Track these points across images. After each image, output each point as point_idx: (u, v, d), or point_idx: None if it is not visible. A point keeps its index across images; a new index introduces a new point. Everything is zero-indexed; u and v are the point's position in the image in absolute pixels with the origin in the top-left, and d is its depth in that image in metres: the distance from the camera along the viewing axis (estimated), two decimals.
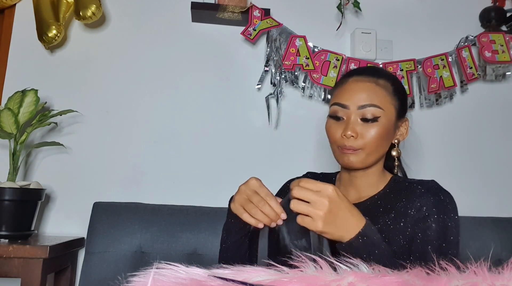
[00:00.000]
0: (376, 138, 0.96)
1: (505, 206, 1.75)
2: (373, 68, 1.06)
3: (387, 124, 0.98)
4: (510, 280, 0.58)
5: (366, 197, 1.03)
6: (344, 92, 1.00)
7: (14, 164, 1.39)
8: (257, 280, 0.58)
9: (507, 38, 1.74)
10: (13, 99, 1.43)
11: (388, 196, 1.01)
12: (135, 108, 1.66)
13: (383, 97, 0.98)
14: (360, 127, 0.96)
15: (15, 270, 1.21)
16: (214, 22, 1.70)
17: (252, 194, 0.85)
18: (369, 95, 0.97)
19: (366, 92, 0.97)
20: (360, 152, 0.96)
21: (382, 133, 0.97)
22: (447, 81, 1.70)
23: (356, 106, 0.97)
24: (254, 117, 1.71)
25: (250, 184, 0.86)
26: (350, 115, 0.97)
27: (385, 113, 0.97)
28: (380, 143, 0.98)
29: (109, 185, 1.60)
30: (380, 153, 1.00)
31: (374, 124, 0.96)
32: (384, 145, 1.00)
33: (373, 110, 0.96)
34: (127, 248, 1.39)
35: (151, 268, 0.59)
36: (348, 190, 1.06)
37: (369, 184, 1.03)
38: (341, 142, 0.97)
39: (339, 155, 1.00)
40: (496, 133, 1.82)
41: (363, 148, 0.96)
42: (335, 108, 1.00)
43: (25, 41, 1.63)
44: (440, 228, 0.92)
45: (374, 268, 0.62)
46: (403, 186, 1.01)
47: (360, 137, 0.96)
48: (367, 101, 0.96)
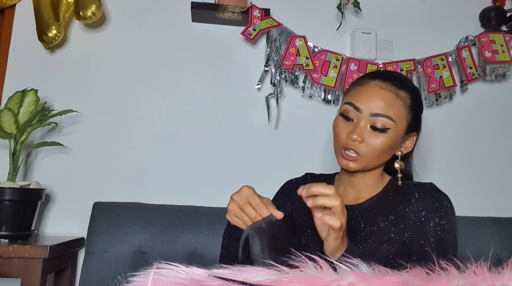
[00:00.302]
0: (380, 148, 0.95)
1: (505, 206, 1.75)
2: (398, 76, 1.02)
3: (394, 137, 0.96)
4: (510, 280, 0.58)
5: (364, 198, 1.03)
6: (361, 94, 0.97)
7: (14, 164, 1.39)
8: (257, 280, 0.58)
9: (507, 38, 1.74)
10: (13, 99, 1.42)
11: (387, 198, 1.01)
12: (135, 108, 1.66)
13: (399, 110, 0.96)
14: (368, 134, 0.95)
15: (15, 270, 1.21)
16: (214, 22, 1.70)
17: (244, 204, 0.84)
18: (386, 105, 0.94)
19: (384, 101, 0.95)
20: (360, 160, 0.95)
21: (387, 145, 0.95)
22: (447, 81, 1.70)
23: (369, 112, 0.95)
24: (254, 117, 1.71)
25: (242, 193, 0.86)
26: (361, 119, 0.96)
27: (396, 126, 0.95)
28: (382, 153, 0.97)
29: (109, 185, 1.60)
30: (380, 162, 0.99)
31: (382, 134, 0.94)
32: (385, 156, 0.99)
33: (385, 121, 0.94)
34: (127, 248, 1.39)
35: (151, 268, 0.59)
36: (347, 191, 1.06)
37: (368, 186, 1.03)
38: (345, 142, 0.96)
39: (339, 156, 0.99)
40: (496, 133, 1.82)
41: (364, 155, 0.95)
42: (348, 108, 0.98)
43: (25, 41, 1.63)
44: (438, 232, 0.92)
45: (374, 268, 0.62)
46: (401, 188, 1.01)
47: (365, 143, 0.94)
48: (382, 110, 0.94)
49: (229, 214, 0.87)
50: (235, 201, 0.86)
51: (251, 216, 0.83)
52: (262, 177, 1.53)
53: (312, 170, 1.20)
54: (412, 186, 1.00)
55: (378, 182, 1.04)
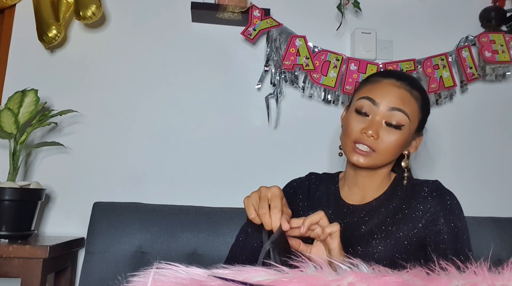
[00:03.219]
0: (394, 145, 0.96)
1: (505, 206, 1.75)
2: (410, 77, 1.04)
3: (407, 135, 0.97)
4: (510, 280, 0.58)
5: (371, 198, 1.02)
6: (378, 90, 0.98)
7: (14, 164, 1.39)
8: (257, 280, 0.58)
9: (507, 38, 1.74)
10: (13, 99, 1.42)
11: (393, 197, 1.01)
12: (135, 108, 1.66)
13: (413, 108, 0.97)
14: (382, 130, 0.95)
15: (15, 270, 1.21)
16: (214, 22, 1.70)
17: (263, 199, 0.84)
18: (402, 102, 0.96)
19: (400, 98, 0.96)
20: (373, 156, 0.95)
21: (401, 142, 0.96)
22: (447, 81, 1.70)
23: (387, 106, 0.95)
24: (254, 117, 1.71)
25: (269, 190, 0.86)
26: (377, 114, 0.96)
27: (409, 124, 0.97)
28: (394, 151, 0.97)
29: (109, 185, 1.60)
30: (390, 159, 1.00)
31: (397, 131, 0.95)
32: (396, 153, 1.00)
33: (401, 117, 0.95)
34: (127, 248, 1.39)
35: (151, 268, 0.59)
36: (352, 190, 1.06)
37: (374, 185, 1.03)
38: (359, 136, 0.96)
39: (350, 150, 0.98)
40: (496, 133, 1.82)
41: (377, 151, 0.95)
42: (364, 102, 0.97)
43: (25, 41, 1.63)
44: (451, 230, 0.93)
45: (374, 268, 0.62)
46: (407, 187, 1.01)
47: (380, 140, 0.95)
48: (399, 105, 0.95)
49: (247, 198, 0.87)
50: (260, 192, 0.86)
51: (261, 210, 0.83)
52: (261, 177, 1.52)
53: (312, 170, 1.19)
54: (418, 185, 1.01)
55: (384, 181, 1.04)
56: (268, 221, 0.82)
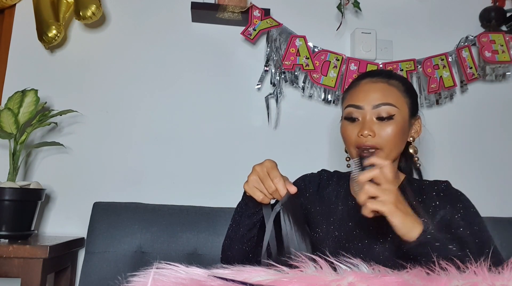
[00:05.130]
0: (393, 136, 0.97)
1: (505, 206, 1.75)
2: (383, 70, 1.10)
3: (402, 122, 0.99)
4: (510, 280, 0.58)
5: None
6: (358, 94, 1.01)
7: (14, 164, 1.39)
8: (257, 280, 0.58)
9: (507, 38, 1.74)
10: (13, 99, 1.43)
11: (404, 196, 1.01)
12: (135, 108, 1.66)
13: (396, 96, 0.99)
14: (377, 126, 0.97)
15: (15, 270, 1.21)
16: (214, 22, 1.70)
17: (265, 176, 0.86)
18: (383, 95, 0.98)
19: (380, 92, 0.99)
20: (379, 152, 0.97)
21: (398, 131, 0.98)
22: (447, 81, 1.70)
23: (371, 105, 0.98)
24: (254, 117, 1.71)
25: (264, 166, 0.88)
26: (366, 115, 0.98)
27: (399, 111, 0.98)
28: (397, 141, 0.98)
29: (109, 185, 1.60)
30: (398, 151, 1.01)
31: (390, 122, 0.97)
32: (400, 144, 1.01)
33: (388, 108, 0.97)
34: (127, 248, 1.39)
35: (151, 268, 0.59)
36: None
37: None
38: (359, 141, 0.98)
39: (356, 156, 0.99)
40: (496, 133, 1.82)
41: (382, 147, 0.97)
42: (350, 110, 1.01)
43: (25, 41, 1.63)
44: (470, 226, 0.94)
45: (374, 268, 0.62)
46: (418, 187, 1.03)
47: (377, 136, 0.97)
48: (381, 100, 0.98)
49: (248, 184, 0.88)
50: (257, 172, 0.87)
51: (270, 189, 0.86)
52: None
53: (312, 170, 1.20)
54: (429, 185, 1.02)
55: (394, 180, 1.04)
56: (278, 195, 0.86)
